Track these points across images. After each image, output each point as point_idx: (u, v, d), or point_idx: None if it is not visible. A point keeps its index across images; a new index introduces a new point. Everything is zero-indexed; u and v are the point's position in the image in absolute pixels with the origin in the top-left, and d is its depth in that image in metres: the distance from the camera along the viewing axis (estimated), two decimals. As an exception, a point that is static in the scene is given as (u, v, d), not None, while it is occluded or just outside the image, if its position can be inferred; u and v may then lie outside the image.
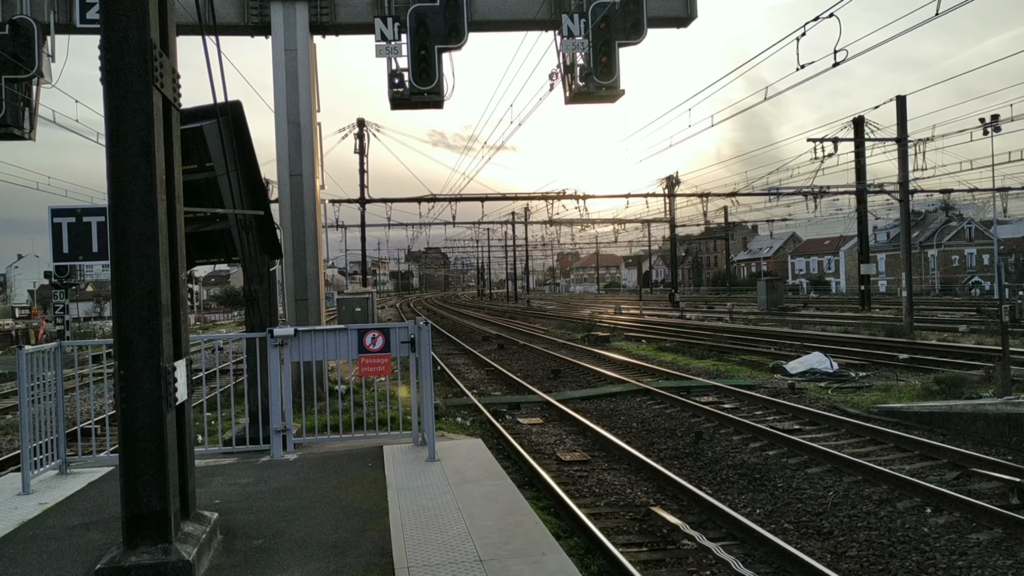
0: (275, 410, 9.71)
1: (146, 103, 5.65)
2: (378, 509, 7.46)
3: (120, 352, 5.65)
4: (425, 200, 49.48)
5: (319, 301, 18.52)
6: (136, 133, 5.64)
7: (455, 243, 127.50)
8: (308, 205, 18.16)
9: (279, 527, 6.99)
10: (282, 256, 15.20)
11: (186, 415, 6.41)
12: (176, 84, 6.37)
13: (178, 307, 6.19)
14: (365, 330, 9.81)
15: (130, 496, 5.68)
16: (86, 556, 6.28)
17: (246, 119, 11.21)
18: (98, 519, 7.31)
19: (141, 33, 5.63)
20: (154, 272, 5.68)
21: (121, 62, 5.62)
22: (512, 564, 6.02)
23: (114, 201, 5.66)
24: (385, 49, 17.11)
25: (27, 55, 16.72)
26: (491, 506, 7.52)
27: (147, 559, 5.56)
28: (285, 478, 8.72)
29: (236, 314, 75.72)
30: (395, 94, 17.50)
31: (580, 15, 17.18)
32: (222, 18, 16.95)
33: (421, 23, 17.03)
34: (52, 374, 8.95)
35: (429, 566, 6.00)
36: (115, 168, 5.64)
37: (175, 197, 6.19)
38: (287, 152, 17.99)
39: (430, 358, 9.82)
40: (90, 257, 9.60)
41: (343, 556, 6.23)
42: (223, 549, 6.46)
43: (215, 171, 10.78)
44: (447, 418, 16.28)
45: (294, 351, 9.68)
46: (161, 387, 5.67)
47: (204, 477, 8.65)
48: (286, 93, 17.92)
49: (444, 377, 23.59)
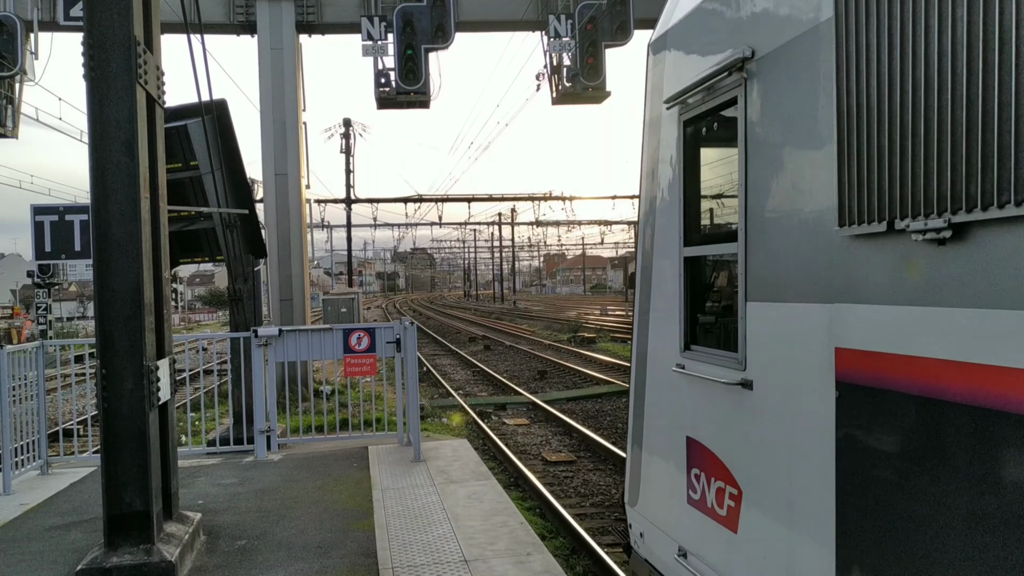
0: (259, 410, 9.66)
1: (129, 100, 5.61)
2: (363, 510, 7.44)
3: (102, 351, 5.61)
4: (411, 200, 49.43)
5: (304, 301, 18.45)
6: (119, 130, 5.59)
7: (442, 244, 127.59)
8: (293, 204, 18.10)
9: (263, 528, 6.95)
10: (267, 256, 15.13)
11: (169, 415, 6.36)
12: (160, 81, 6.33)
13: (161, 306, 6.15)
14: (351, 330, 9.78)
15: (112, 496, 5.63)
16: (68, 557, 6.23)
17: (231, 117, 11.16)
18: (80, 519, 7.25)
19: (125, 30, 5.59)
20: (137, 271, 5.64)
21: (104, 59, 5.58)
22: (497, 564, 6.01)
23: (97, 199, 5.61)
24: (371, 49, 17.09)
25: (10, 52, 16.56)
26: (476, 506, 7.52)
27: (129, 560, 5.52)
28: (269, 479, 8.67)
29: (221, 314, 75.32)
30: (381, 94, 17.48)
31: (567, 16, 17.21)
32: (207, 16, 16.84)
33: (408, 23, 17.00)
34: (34, 374, 8.87)
35: (414, 567, 5.98)
36: (98, 166, 5.60)
37: (159, 195, 6.15)
38: (272, 151, 17.91)
39: (416, 358, 9.80)
40: (73, 256, 9.53)
41: (327, 557, 6.21)
42: (206, 550, 6.42)
43: (200, 169, 10.73)
44: (433, 419, 16.24)
45: (278, 351, 9.63)
46: (143, 386, 5.63)
47: (188, 477, 8.60)
48: (272, 92, 17.84)
49: (430, 378, 23.56)
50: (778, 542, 3.64)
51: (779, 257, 3.63)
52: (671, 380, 4.81)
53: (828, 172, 3.18)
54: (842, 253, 3.13)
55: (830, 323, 3.22)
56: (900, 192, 2.74)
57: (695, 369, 4.46)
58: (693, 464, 4.50)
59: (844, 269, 3.13)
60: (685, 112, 4.61)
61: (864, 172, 2.93)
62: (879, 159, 2.85)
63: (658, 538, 5.04)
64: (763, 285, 3.78)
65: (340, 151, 40.17)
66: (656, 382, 5.15)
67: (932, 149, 2.59)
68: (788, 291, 3.55)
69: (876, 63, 2.86)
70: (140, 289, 5.65)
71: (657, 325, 5.12)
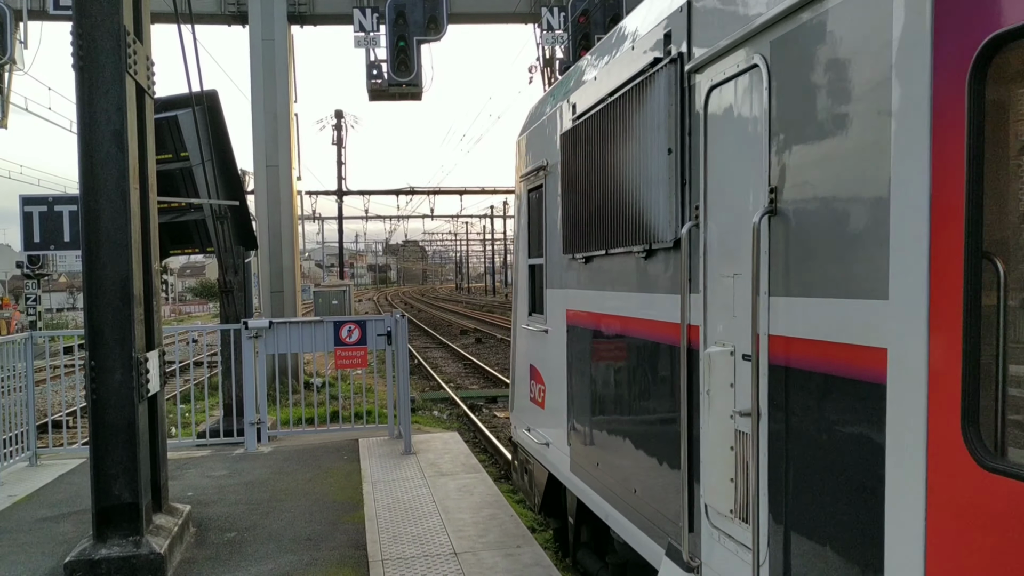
0: (249, 402, 9.64)
1: (119, 91, 5.58)
2: (353, 502, 7.44)
3: (91, 343, 5.59)
4: (403, 193, 49.38)
5: (295, 293, 18.42)
6: (108, 121, 5.56)
7: (433, 237, 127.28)
8: (284, 196, 18.05)
9: (252, 520, 6.95)
10: (257, 247, 15.10)
11: (159, 407, 6.35)
12: (150, 72, 6.30)
13: (151, 298, 6.13)
14: (341, 322, 9.77)
15: (100, 488, 5.62)
16: (56, 548, 6.21)
17: (222, 109, 11.12)
18: (69, 511, 7.23)
19: (114, 20, 5.55)
20: (126, 262, 5.61)
21: (93, 49, 5.54)
22: (487, 557, 6.02)
23: (86, 190, 5.58)
24: (363, 40, 17.03)
25: (-1, 41, 16.44)
26: (466, 499, 7.53)
27: (118, 552, 5.51)
28: (259, 471, 8.66)
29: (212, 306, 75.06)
30: (373, 85, 17.42)
31: (560, 9, 17.18)
32: (198, 7, 16.69)
33: (400, 14, 16.93)
34: (23, 365, 8.83)
35: (403, 559, 5.99)
36: (87, 156, 5.57)
37: (148, 186, 6.12)
38: (264, 142, 17.85)
39: (406, 351, 9.80)
40: (62, 246, 9.50)
41: (317, 549, 6.21)
42: (196, 542, 6.42)
43: (190, 161, 10.70)
44: (424, 411, 16.26)
45: (269, 343, 9.61)
46: (133, 378, 5.61)
47: (177, 469, 8.59)
48: (263, 83, 17.77)
49: (421, 370, 23.56)
50: (558, 409, 6.65)
51: (551, 266, 6.84)
52: (523, 332, 8.11)
53: (560, 229, 6.36)
54: (567, 265, 6.28)
55: (566, 298, 6.41)
56: (578, 240, 5.88)
57: (531, 325, 7.62)
58: (532, 378, 7.68)
59: (568, 272, 6.30)
60: (526, 185, 7.67)
61: (572, 232, 6.06)
62: (577, 231, 5.89)
63: (518, 425, 8.33)
64: (550, 280, 6.91)
65: (332, 143, 40.07)
66: (517, 334, 8.44)
67: (593, 224, 5.50)
68: (555, 283, 6.75)
69: (575, 190, 5.90)
70: (129, 281, 5.62)
71: (519, 303, 8.32)
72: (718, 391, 3.83)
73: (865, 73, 2.79)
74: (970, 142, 2.29)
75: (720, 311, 3.87)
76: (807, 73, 3.14)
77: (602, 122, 5.27)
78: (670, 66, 4.28)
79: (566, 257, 6.20)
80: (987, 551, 2.29)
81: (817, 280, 3.09)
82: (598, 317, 5.65)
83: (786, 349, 3.30)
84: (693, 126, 4.14)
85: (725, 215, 3.83)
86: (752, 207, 3.52)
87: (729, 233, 3.78)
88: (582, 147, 5.69)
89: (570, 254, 6.07)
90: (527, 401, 7.81)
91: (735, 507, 3.72)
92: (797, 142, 3.22)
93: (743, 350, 3.64)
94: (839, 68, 2.94)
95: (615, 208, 5.07)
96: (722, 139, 3.86)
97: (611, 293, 5.36)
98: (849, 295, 2.90)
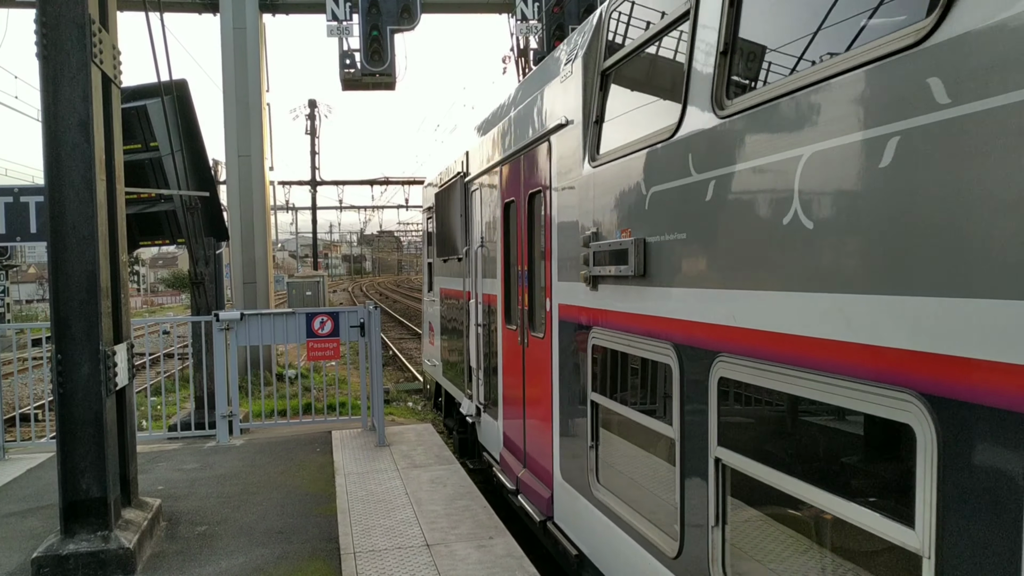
0: (221, 395, 9.57)
1: (84, 80, 5.49)
2: (325, 494, 7.42)
3: (57, 335, 5.51)
4: (378, 183, 48.97)
5: (268, 284, 18.28)
6: (73, 111, 5.48)
7: (408, 227, 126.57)
8: (256, 186, 17.89)
9: (224, 513, 6.91)
10: (228, 238, 14.95)
11: (128, 400, 6.29)
12: (117, 61, 6.21)
13: (119, 290, 6.06)
14: (314, 314, 9.72)
15: (68, 483, 5.55)
16: (24, 544, 6.14)
17: (192, 98, 10.98)
18: (37, 506, 7.15)
19: (79, 8, 5.46)
20: (92, 253, 5.54)
21: (58, 37, 5.45)
22: (459, 548, 6.03)
23: (51, 181, 5.50)
24: (336, 29, 16.88)
25: (-38, 28, 16.13)
26: (439, 491, 7.53)
27: (86, 547, 5.46)
28: (231, 464, 8.61)
29: (184, 297, 74.25)
30: (346, 75, 17.29)
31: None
32: (168, -6, 16.54)
33: (373, 3, 16.80)
34: (-12, 358, 8.69)
35: (376, 551, 5.98)
36: (52, 147, 5.48)
37: (116, 177, 6.04)
38: (235, 132, 17.66)
39: (379, 342, 9.77)
40: (28, 238, 9.33)
41: (288, 542, 6.19)
42: (166, 536, 6.37)
43: (160, 151, 10.55)
44: (398, 402, 16.22)
45: (241, 335, 9.55)
46: (100, 372, 5.55)
47: (148, 463, 8.51)
48: (234, 72, 17.57)
49: (396, 361, 23.48)
50: (437, 343, 11.83)
51: (444, 264, 10.83)
52: (430, 302, 12.59)
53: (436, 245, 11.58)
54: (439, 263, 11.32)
55: (439, 281, 11.51)
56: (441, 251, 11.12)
57: (431, 297, 12.40)
58: (431, 329, 12.54)
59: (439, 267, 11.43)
60: (426, 216, 12.92)
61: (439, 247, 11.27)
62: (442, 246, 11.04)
63: (424, 359, 14.08)
64: (440, 274, 11.32)
65: (305, 132, 39.71)
66: (428, 303, 13.04)
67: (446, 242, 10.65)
68: (446, 274, 10.70)
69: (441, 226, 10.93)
70: (96, 273, 5.55)
71: (429, 285, 12.53)
72: (473, 315, 8.74)
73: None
74: (504, 229, 7.54)
75: (476, 285, 8.69)
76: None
77: (443, 197, 10.49)
78: (461, 177, 9.31)
79: (439, 259, 11.14)
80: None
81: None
82: (447, 291, 10.71)
83: (478, 296, 8.60)
84: (468, 203, 9.09)
85: (474, 246, 8.78)
86: (475, 244, 8.73)
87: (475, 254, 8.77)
88: (436, 207, 11.14)
89: (441, 257, 10.95)
90: (427, 343, 13.46)
91: (475, 364, 8.86)
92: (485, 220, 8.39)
93: (478, 298, 8.56)
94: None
95: (448, 236, 10.16)
96: (476, 209, 8.73)
97: (449, 278, 10.50)
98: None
